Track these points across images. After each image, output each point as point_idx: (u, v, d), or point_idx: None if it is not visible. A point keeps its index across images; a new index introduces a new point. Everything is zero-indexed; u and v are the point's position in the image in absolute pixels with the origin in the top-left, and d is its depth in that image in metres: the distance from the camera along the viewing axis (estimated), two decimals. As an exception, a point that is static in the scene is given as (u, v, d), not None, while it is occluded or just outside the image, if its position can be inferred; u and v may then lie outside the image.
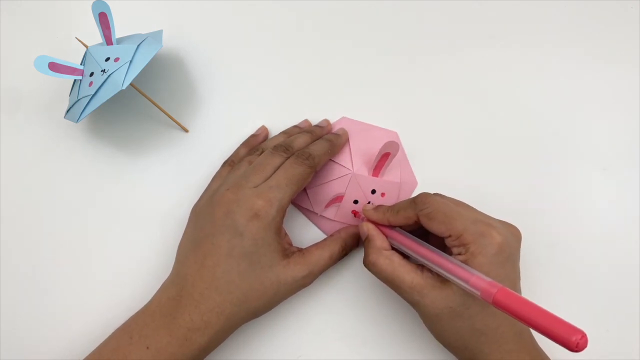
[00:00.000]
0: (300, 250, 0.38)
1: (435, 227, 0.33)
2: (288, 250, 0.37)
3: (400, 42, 0.47)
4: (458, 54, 0.46)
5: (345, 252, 0.39)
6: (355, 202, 0.40)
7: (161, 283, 0.37)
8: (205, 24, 0.48)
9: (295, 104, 0.45)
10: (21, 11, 0.49)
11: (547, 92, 0.45)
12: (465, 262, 0.31)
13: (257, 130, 0.44)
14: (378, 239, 0.36)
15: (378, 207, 0.37)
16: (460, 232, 0.32)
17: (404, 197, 0.42)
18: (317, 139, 0.40)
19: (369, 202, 0.40)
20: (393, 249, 0.36)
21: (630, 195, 0.43)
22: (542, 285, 0.40)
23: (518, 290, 0.34)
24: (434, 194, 0.36)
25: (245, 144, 0.43)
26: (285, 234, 0.39)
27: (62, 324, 0.41)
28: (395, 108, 0.45)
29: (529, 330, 0.34)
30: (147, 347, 0.33)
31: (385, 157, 0.39)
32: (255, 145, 0.43)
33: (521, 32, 0.47)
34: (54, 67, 0.40)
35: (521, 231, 0.36)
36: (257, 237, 0.34)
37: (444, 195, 0.36)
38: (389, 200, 0.41)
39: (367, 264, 0.35)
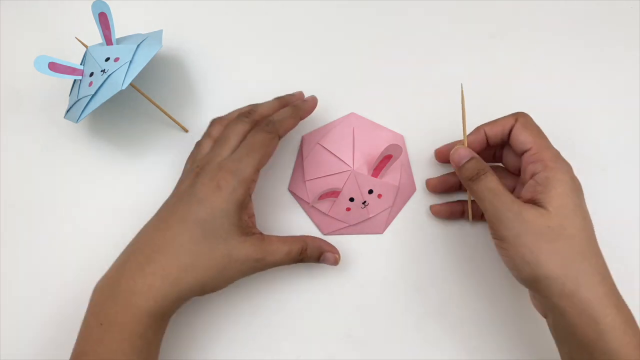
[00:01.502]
0: (261, 234, 0.37)
1: (525, 137, 0.35)
2: (248, 229, 0.36)
3: (402, 43, 0.47)
4: (457, 54, 0.46)
5: (302, 257, 0.38)
6: (351, 199, 0.40)
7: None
8: (205, 24, 0.48)
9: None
10: (21, 11, 0.49)
11: (547, 92, 0.45)
12: (546, 178, 0.33)
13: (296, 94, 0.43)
14: (484, 162, 0.35)
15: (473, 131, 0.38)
16: (543, 148, 0.34)
17: (400, 201, 0.42)
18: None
19: (364, 202, 0.41)
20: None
21: (630, 195, 0.43)
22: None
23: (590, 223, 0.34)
24: None
25: (280, 100, 0.42)
26: (253, 214, 0.39)
27: (62, 324, 0.41)
28: (401, 109, 0.45)
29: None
30: (101, 324, 0.33)
31: (387, 159, 0.39)
32: (287, 102, 0.41)
33: (521, 32, 0.47)
34: (54, 67, 0.40)
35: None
36: (215, 207, 0.34)
37: None
38: (384, 202, 0.41)
39: (474, 178, 0.34)
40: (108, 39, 0.41)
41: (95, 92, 0.39)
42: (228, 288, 0.36)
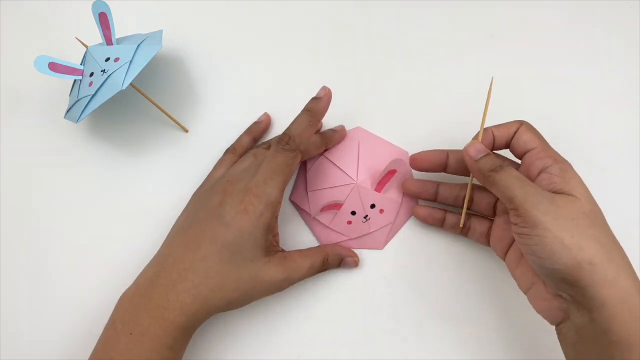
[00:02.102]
0: (283, 252, 0.38)
1: (529, 136, 0.35)
2: (272, 248, 0.37)
3: (401, 43, 0.47)
4: (457, 54, 0.46)
5: (325, 268, 0.40)
6: (353, 213, 0.40)
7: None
8: (205, 24, 0.48)
9: (297, 104, 0.45)
10: (21, 11, 0.49)
11: (547, 92, 0.45)
12: (561, 170, 0.33)
13: (259, 118, 0.44)
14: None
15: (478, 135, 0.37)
16: (547, 147, 0.35)
17: (402, 218, 0.42)
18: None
19: (365, 216, 0.40)
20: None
21: (630, 196, 0.43)
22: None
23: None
24: None
25: (248, 131, 0.44)
26: (277, 233, 0.39)
27: (61, 324, 0.41)
28: (406, 124, 0.44)
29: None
30: (131, 333, 0.33)
31: (391, 174, 0.39)
32: (257, 133, 0.43)
33: (521, 32, 0.47)
34: (54, 67, 0.40)
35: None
36: (243, 231, 0.34)
37: None
38: (386, 218, 0.41)
39: (496, 169, 0.33)
40: (108, 39, 0.41)
41: (95, 92, 0.39)
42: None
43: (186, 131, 0.45)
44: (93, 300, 0.41)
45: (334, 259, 0.40)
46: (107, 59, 0.40)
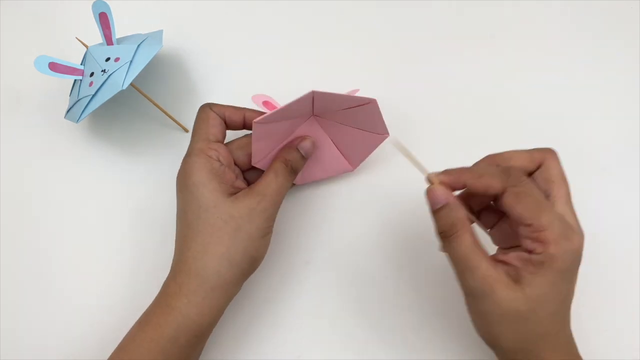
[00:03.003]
0: (248, 185, 0.37)
1: (519, 211, 0.29)
2: (234, 189, 0.36)
3: (401, 43, 0.47)
4: (457, 54, 0.46)
5: (291, 168, 0.37)
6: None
7: (161, 282, 0.37)
8: (205, 24, 0.48)
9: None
10: (21, 11, 0.49)
11: (547, 92, 0.45)
12: (541, 263, 0.28)
13: None
14: (462, 209, 0.30)
15: (448, 170, 0.31)
16: (545, 227, 0.28)
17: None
18: None
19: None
20: None
21: (630, 196, 0.43)
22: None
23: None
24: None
25: None
26: (236, 176, 0.37)
27: (60, 324, 0.41)
28: (402, 122, 0.44)
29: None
30: (139, 322, 0.34)
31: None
32: None
33: (521, 32, 0.47)
34: (54, 67, 0.40)
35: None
36: (187, 187, 0.35)
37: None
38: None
39: (446, 235, 0.30)
40: (108, 39, 0.41)
41: (96, 92, 0.39)
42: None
43: (186, 131, 0.45)
44: (92, 300, 0.41)
45: (290, 153, 0.37)
46: (108, 59, 0.40)
